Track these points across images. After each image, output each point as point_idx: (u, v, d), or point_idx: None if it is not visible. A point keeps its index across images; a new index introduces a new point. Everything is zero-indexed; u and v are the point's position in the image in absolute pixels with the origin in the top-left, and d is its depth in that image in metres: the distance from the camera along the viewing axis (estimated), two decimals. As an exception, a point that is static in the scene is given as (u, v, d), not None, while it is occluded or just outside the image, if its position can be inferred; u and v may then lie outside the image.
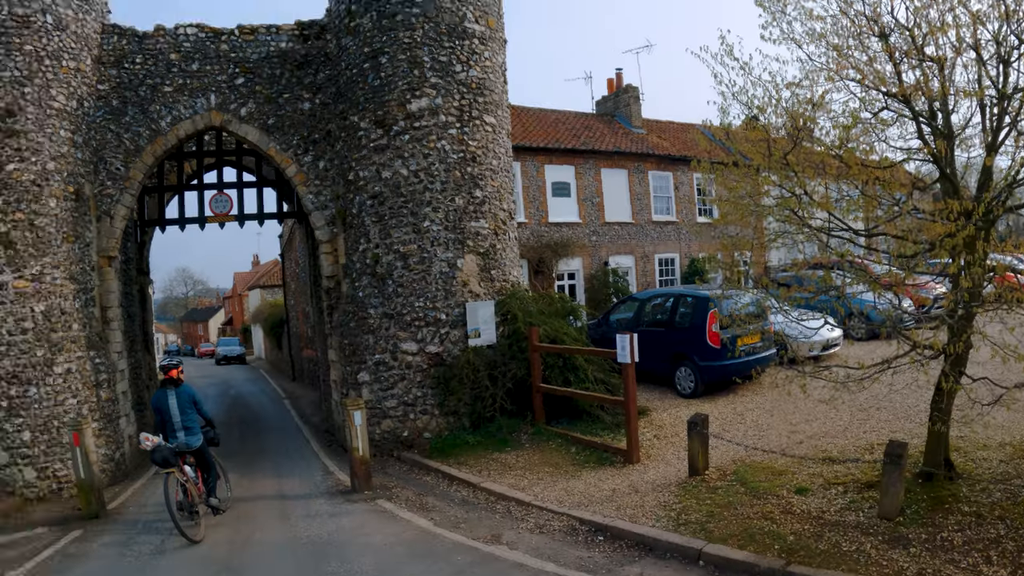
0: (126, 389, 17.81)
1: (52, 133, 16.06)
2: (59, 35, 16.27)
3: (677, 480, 11.76)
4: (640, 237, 30.72)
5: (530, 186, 27.70)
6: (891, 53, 8.78)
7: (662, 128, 35.08)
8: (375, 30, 17.12)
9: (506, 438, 15.64)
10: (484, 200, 17.38)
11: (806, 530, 8.94)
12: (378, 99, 17.10)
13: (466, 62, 17.22)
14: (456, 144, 17.06)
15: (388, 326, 16.88)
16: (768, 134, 9.34)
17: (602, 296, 28.20)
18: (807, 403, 14.91)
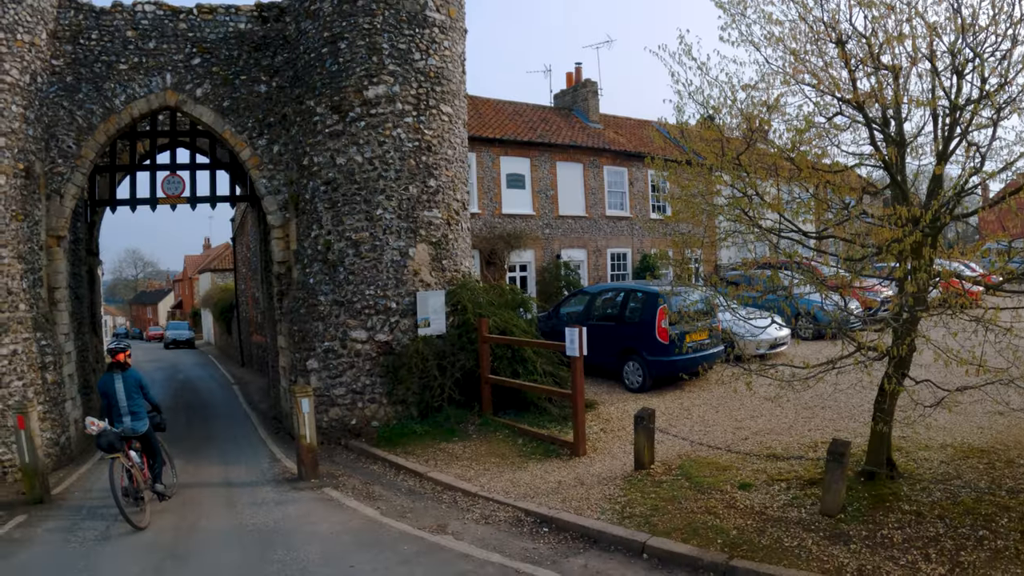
0: (72, 372, 17.44)
1: (3, 108, 15.64)
2: (14, 7, 15.81)
3: (623, 473, 11.82)
4: (593, 231, 30.89)
5: (485, 177, 27.73)
6: (847, 60, 8.87)
7: (619, 124, 35.27)
8: (335, 14, 16.99)
9: (454, 428, 15.65)
10: (438, 190, 17.34)
11: (749, 525, 9.05)
12: (335, 84, 16.98)
13: (425, 50, 17.15)
14: (412, 132, 16.98)
15: (338, 313, 16.80)
16: (722, 134, 9.44)
17: (553, 289, 28.29)
18: (753, 400, 15.16)
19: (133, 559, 10.24)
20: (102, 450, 11.95)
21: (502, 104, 32.31)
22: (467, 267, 18.30)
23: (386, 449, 15.17)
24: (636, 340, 17.77)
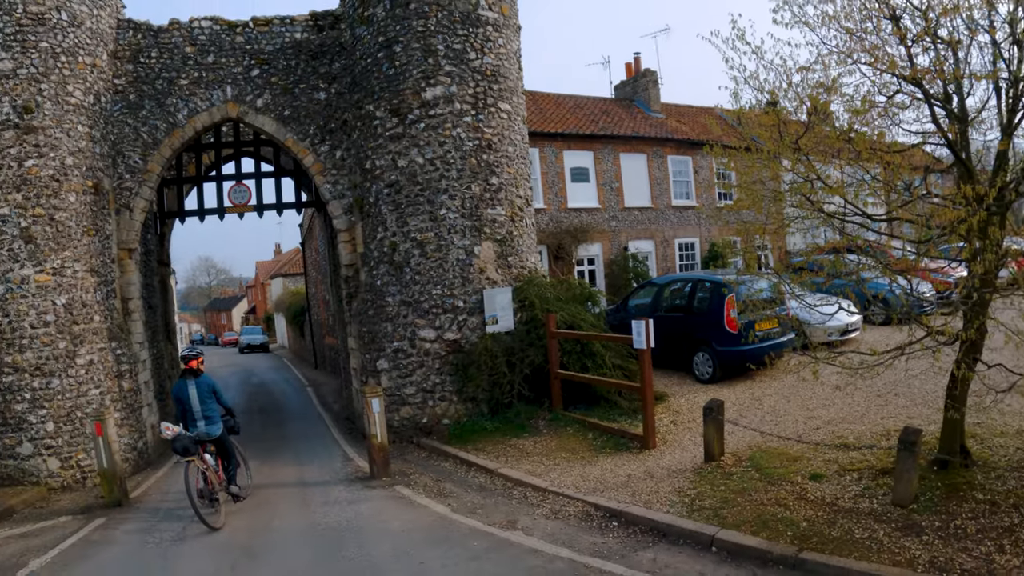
0: (148, 379, 18.00)
1: (70, 128, 16.17)
2: (74, 31, 16.35)
3: (692, 466, 11.70)
4: (660, 222, 30.60)
5: (549, 172, 27.66)
6: (902, 36, 8.61)
7: (681, 112, 34.84)
8: (389, 19, 17.11)
9: (524, 424, 15.65)
10: (500, 187, 17.34)
11: (819, 517, 8.89)
12: (393, 88, 17.10)
13: (480, 49, 17.17)
14: (471, 132, 17.02)
15: (406, 313, 16.93)
16: (779, 119, 9.24)
17: (622, 281, 28.12)
18: (824, 389, 14.77)
19: (209, 558, 10.45)
20: (178, 454, 12.21)
21: (563, 98, 32.10)
22: (533, 263, 18.26)
23: (457, 446, 15.27)
24: (705, 330, 17.53)
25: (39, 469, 15.27)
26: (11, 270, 15.35)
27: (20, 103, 15.54)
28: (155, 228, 21.06)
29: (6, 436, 15.28)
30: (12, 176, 15.42)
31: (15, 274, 15.36)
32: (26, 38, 15.64)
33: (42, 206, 15.61)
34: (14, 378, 15.26)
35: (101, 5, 17.12)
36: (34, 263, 15.47)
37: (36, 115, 15.66)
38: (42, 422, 15.29)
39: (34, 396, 15.30)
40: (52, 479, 15.30)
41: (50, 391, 15.39)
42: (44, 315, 15.49)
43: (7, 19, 15.54)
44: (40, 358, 15.38)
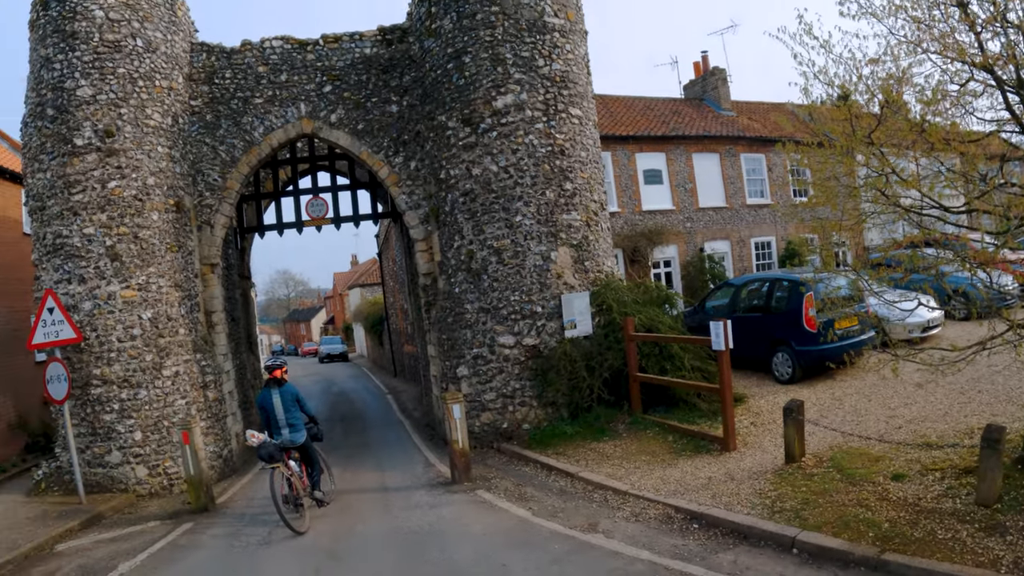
0: (232, 389, 18.53)
1: (150, 150, 16.75)
2: (150, 56, 16.95)
3: (773, 467, 11.56)
4: (735, 221, 30.22)
5: (621, 175, 27.57)
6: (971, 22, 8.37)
7: (752, 109, 34.35)
8: (456, 30, 17.29)
9: (604, 427, 15.57)
10: (574, 192, 17.33)
11: (902, 517, 8.71)
12: (464, 98, 17.24)
13: (548, 56, 17.21)
14: (543, 138, 17.05)
15: (485, 320, 17.01)
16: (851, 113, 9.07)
17: (699, 283, 27.85)
18: (906, 387, 14.49)
19: (293, 561, 10.69)
20: (263, 460, 12.54)
21: (633, 100, 31.95)
22: (609, 267, 18.20)
23: (537, 451, 15.28)
24: (783, 330, 17.26)
25: (127, 476, 15.78)
26: (98, 287, 15.92)
27: (101, 127, 16.14)
28: (235, 243, 21.64)
29: (96, 445, 15.84)
30: (96, 197, 16.03)
31: (102, 290, 15.92)
32: (104, 65, 16.27)
33: (126, 225, 16.17)
34: (103, 390, 15.80)
35: (174, 30, 17.73)
36: (120, 280, 16.03)
37: (117, 138, 16.25)
38: (130, 431, 15.81)
39: (122, 407, 15.83)
40: (140, 486, 15.82)
41: (137, 402, 15.91)
42: (131, 329, 16.02)
43: (85, 48, 16.21)
44: (128, 370, 15.90)
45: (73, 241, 15.98)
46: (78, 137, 16.10)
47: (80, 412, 15.86)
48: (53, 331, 15.00)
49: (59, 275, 16.09)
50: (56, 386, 14.92)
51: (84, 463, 15.71)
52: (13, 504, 15.54)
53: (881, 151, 8.97)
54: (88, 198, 16.00)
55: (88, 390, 15.82)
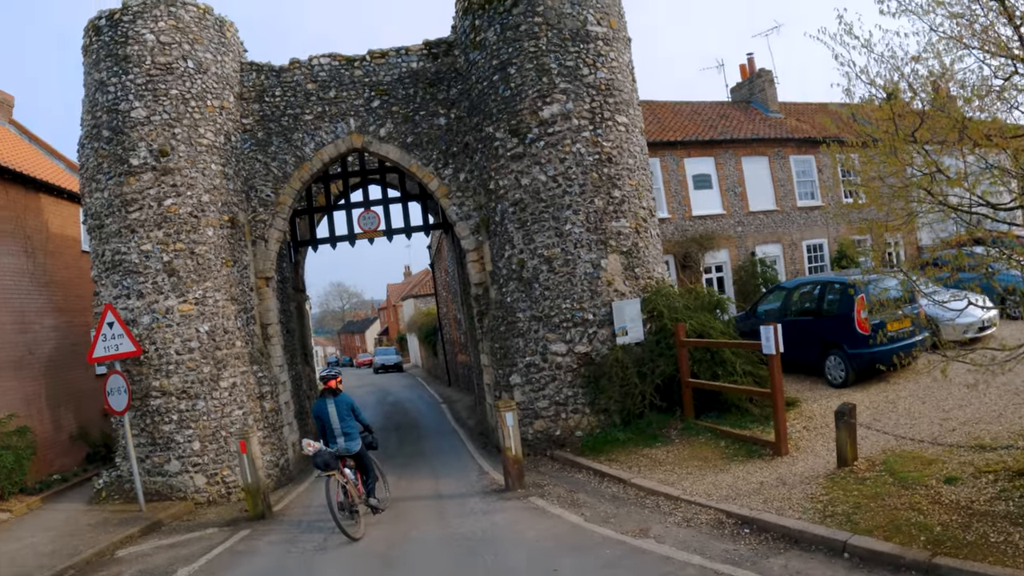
0: (288, 400, 18.86)
1: (204, 168, 17.20)
2: (201, 77, 17.43)
3: (825, 472, 11.44)
4: (786, 224, 29.79)
5: (671, 181, 27.45)
6: (1010, 16, 8.25)
7: (800, 110, 33.85)
8: (500, 42, 17.44)
9: (656, 434, 15.54)
10: (623, 199, 17.32)
11: (954, 521, 8.57)
12: (511, 109, 17.35)
13: (593, 64, 17.25)
14: (591, 146, 17.09)
15: (537, 328, 17.05)
16: (893, 112, 8.97)
17: (751, 287, 27.54)
18: (960, 389, 13.94)
19: (349, 566, 10.90)
20: (318, 468, 12.70)
21: (679, 105, 31.80)
22: (660, 273, 18.14)
23: (590, 457, 15.27)
24: (836, 333, 17.01)
25: (186, 485, 16.15)
26: (156, 301, 16.38)
27: (156, 147, 16.61)
28: (289, 257, 22.02)
29: (155, 455, 16.26)
30: (153, 215, 16.49)
31: (160, 305, 16.36)
32: (157, 87, 16.76)
33: (182, 241, 16.62)
34: (162, 401, 16.21)
35: (224, 51, 18.18)
36: (177, 294, 16.46)
37: (172, 157, 16.72)
38: (188, 441, 16.20)
39: (181, 417, 16.23)
40: (198, 494, 16.18)
41: (196, 412, 16.30)
42: (189, 342, 16.42)
43: (138, 71, 16.72)
44: (186, 382, 16.29)
45: (131, 257, 16.47)
46: (134, 157, 16.63)
47: (140, 423, 16.29)
48: (113, 345, 15.38)
49: (118, 291, 16.62)
50: (116, 398, 15.28)
51: (144, 472, 16.10)
52: (75, 512, 15.97)
53: (925, 149, 8.85)
54: (145, 216, 16.47)
55: (148, 401, 16.23)
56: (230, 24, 18.87)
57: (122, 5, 17.23)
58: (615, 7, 18.07)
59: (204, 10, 17.97)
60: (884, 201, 9.76)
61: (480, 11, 17.96)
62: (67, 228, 22.46)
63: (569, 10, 17.19)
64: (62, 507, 16.66)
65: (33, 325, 20.05)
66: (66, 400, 20.80)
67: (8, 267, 19.23)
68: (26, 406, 18.87)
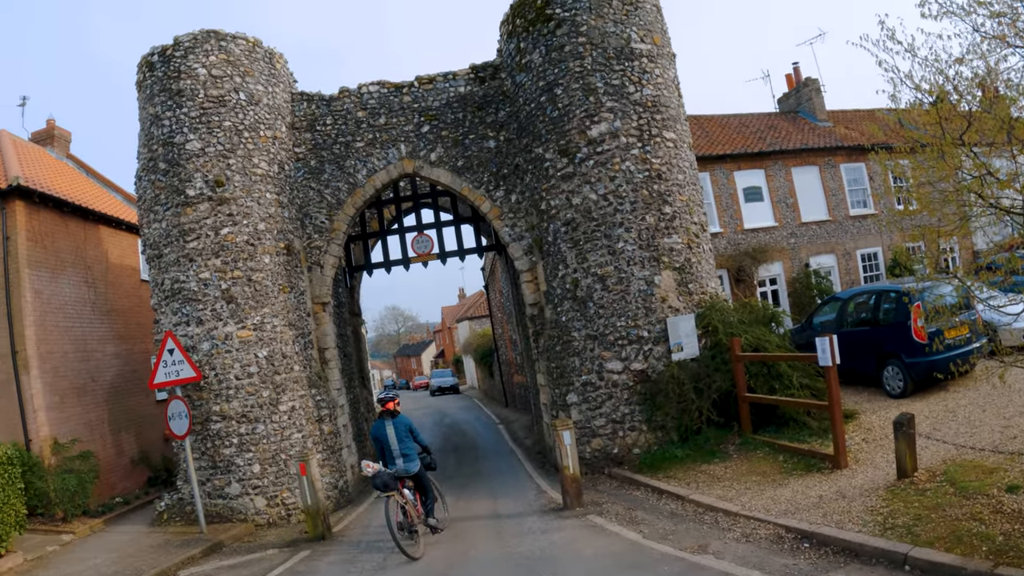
0: (347, 422, 19.07)
1: (259, 197, 17.54)
2: (253, 109, 17.82)
3: (885, 483, 11.25)
4: (839, 234, 29.25)
5: (721, 195, 27.26)
6: None
7: (848, 118, 33.23)
8: (546, 63, 17.58)
9: (713, 449, 15.44)
10: (674, 215, 17.27)
11: (1016, 530, 8.37)
12: (559, 129, 17.45)
13: (638, 82, 17.29)
14: (640, 164, 17.11)
15: (592, 347, 17.05)
16: (939, 116, 8.83)
17: (806, 299, 27.14)
18: (1021, 395, 13.82)
19: (409, 584, 10.91)
20: (377, 489, 12.84)
21: (727, 119, 31.57)
22: (713, 288, 18.03)
23: (648, 475, 15.23)
24: (892, 343, 16.72)
25: (246, 507, 16.39)
26: (215, 328, 16.70)
27: (211, 178, 17.00)
28: (345, 282, 22.42)
29: (216, 478, 16.52)
30: (210, 244, 16.85)
31: (219, 331, 16.69)
32: (210, 119, 17.17)
33: (240, 269, 16.96)
34: (222, 425, 16.50)
35: (275, 82, 18.56)
36: (236, 321, 16.78)
37: (227, 187, 17.09)
38: (249, 464, 16.45)
39: (241, 441, 16.50)
40: (259, 516, 16.41)
41: (255, 436, 16.56)
42: (248, 367, 16.71)
43: (191, 104, 17.16)
44: (245, 406, 16.58)
45: (190, 285, 16.86)
46: (190, 188, 17.06)
47: (200, 447, 16.61)
48: (174, 371, 15.70)
49: (177, 318, 17.00)
50: (177, 423, 15.57)
51: (205, 495, 16.37)
52: (137, 534, 16.35)
53: (974, 152, 8.71)
54: (203, 245, 16.84)
55: (208, 426, 16.54)
56: (279, 56, 19.33)
57: (173, 41, 17.75)
58: (658, 24, 18.09)
59: (254, 43, 18.44)
60: (935, 207, 9.63)
61: (524, 34, 18.13)
62: (126, 258, 23.04)
63: (612, 29, 17.27)
64: (124, 529, 17.02)
65: (95, 353, 20.52)
66: (128, 425, 21.36)
67: (70, 297, 19.76)
68: (89, 431, 19.35)
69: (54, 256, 19.36)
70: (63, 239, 19.87)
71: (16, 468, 15.27)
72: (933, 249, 16.19)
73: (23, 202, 18.29)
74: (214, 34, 17.73)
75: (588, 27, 17.18)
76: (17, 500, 14.68)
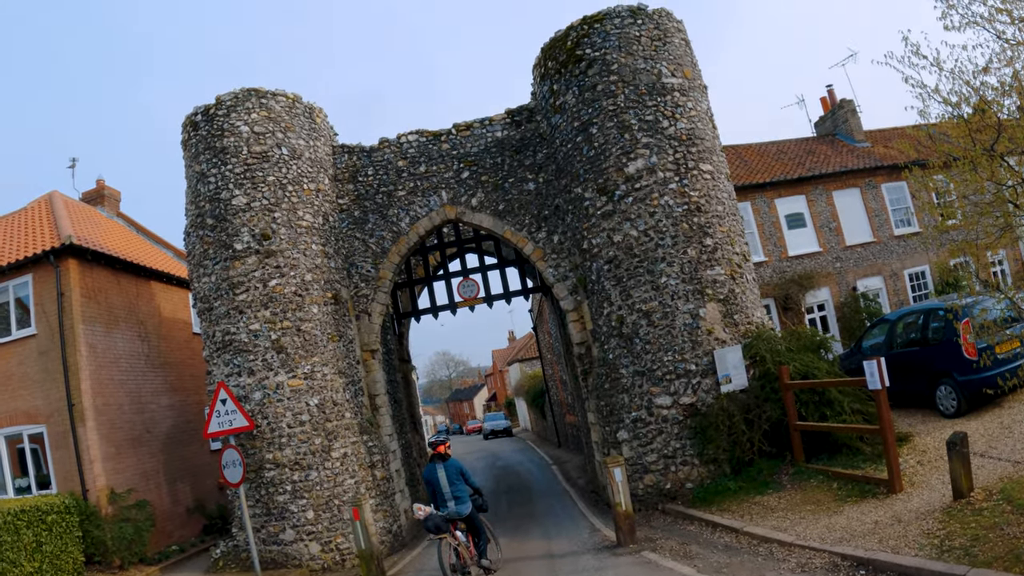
0: (399, 467, 19.28)
1: (305, 248, 17.91)
2: (296, 163, 18.26)
3: (941, 505, 11.06)
4: (885, 255, 28.84)
5: (764, 223, 27.15)
6: None
7: (886, 136, 32.69)
8: (580, 104, 17.80)
9: (766, 480, 15.29)
10: (716, 247, 17.27)
11: (1075, 546, 8.03)
12: (596, 168, 17.63)
13: (672, 116, 17.41)
14: (678, 197, 17.17)
15: (640, 383, 17.03)
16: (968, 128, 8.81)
17: (855, 323, 26.68)
18: None
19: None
20: (430, 532, 12.94)
21: (764, 146, 31.43)
22: (759, 317, 17.91)
23: (701, 509, 15.14)
24: (943, 361, 16.33)
25: (301, 553, 16.57)
26: (267, 378, 17.00)
27: (258, 231, 17.40)
28: (393, 328, 22.67)
29: (270, 524, 16.73)
30: (259, 296, 17.22)
31: (270, 381, 16.98)
32: (255, 175, 17.62)
33: (288, 319, 17.31)
34: (275, 473, 16.73)
35: (316, 136, 19.02)
36: (286, 370, 17.06)
37: (273, 240, 17.48)
38: (302, 511, 16.65)
39: (294, 488, 16.71)
40: (313, 561, 16.58)
41: (308, 483, 16.75)
42: (299, 415, 16.98)
43: (235, 161, 17.65)
44: (298, 454, 16.81)
45: (240, 337, 17.21)
46: (237, 242, 17.46)
47: (255, 494, 16.85)
48: (227, 420, 15.87)
49: (229, 369, 17.30)
50: (232, 471, 15.72)
51: (259, 541, 16.57)
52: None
53: (1006, 161, 8.67)
54: (251, 297, 17.22)
55: (262, 473, 16.80)
56: (319, 110, 19.76)
57: (215, 100, 18.22)
58: (687, 57, 18.22)
59: (293, 99, 18.90)
60: (973, 219, 9.59)
61: (557, 76, 18.38)
62: (177, 312, 23.55)
63: (643, 65, 17.43)
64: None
65: (150, 404, 20.99)
66: (183, 475, 21.77)
67: (124, 351, 20.30)
68: (145, 481, 19.76)
69: (107, 312, 19.93)
70: (116, 295, 20.46)
71: (74, 517, 15.79)
72: (979, 263, 15.99)
73: (76, 260, 18.94)
74: (255, 92, 18.25)
75: (619, 65, 17.38)
76: (75, 548, 15.16)
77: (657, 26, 17.94)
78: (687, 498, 16.13)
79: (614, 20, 17.81)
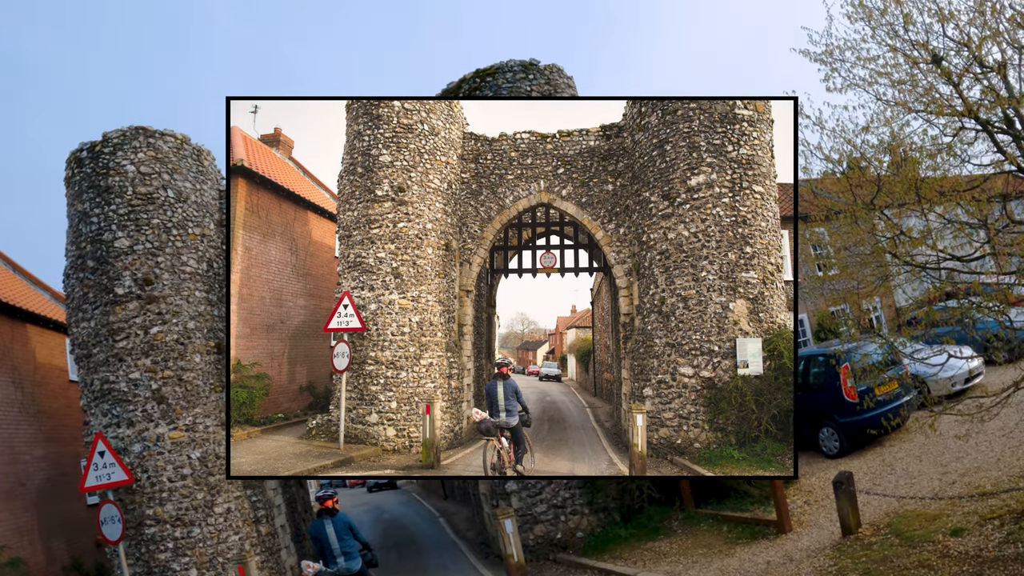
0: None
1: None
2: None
3: (831, 542, 10.89)
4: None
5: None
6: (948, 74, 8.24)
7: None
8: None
9: (657, 526, 15.31)
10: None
11: (965, 571, 8.26)
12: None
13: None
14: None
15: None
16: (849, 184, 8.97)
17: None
18: (955, 441, 12.94)
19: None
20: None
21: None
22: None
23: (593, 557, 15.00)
24: (825, 405, 16.00)
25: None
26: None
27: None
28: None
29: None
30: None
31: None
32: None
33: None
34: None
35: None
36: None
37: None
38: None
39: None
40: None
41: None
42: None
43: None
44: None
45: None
46: (119, 286, 15.47)
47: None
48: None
49: (108, 419, 15.26)
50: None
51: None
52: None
53: (885, 214, 8.84)
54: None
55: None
56: (207, 152, 17.52)
57: (103, 137, 16.15)
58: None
59: (182, 140, 16.83)
60: (854, 269, 9.76)
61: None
62: (54, 358, 20.77)
63: (721, 96, 18.79)
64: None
65: (23, 456, 18.41)
66: (59, 531, 18.94)
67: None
68: (19, 537, 17.33)
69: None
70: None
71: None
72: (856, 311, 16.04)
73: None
74: (143, 131, 16.15)
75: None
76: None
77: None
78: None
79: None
